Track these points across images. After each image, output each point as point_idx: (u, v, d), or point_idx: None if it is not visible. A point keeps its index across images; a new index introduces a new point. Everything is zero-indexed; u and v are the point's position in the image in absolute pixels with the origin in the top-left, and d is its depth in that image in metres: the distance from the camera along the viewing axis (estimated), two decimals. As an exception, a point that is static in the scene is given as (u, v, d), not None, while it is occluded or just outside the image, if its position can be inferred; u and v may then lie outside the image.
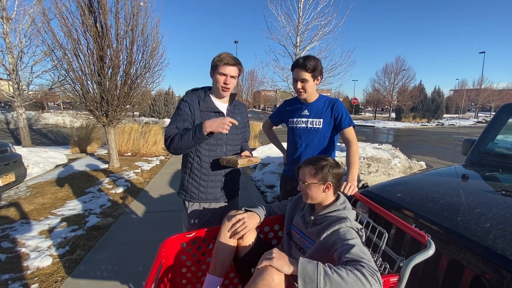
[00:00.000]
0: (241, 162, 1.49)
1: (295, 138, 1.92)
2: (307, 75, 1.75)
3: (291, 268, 0.91)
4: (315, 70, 1.75)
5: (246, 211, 1.41)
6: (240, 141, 1.80)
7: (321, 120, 1.84)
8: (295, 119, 1.92)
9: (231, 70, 1.56)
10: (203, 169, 1.63)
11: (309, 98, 1.89)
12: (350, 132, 1.81)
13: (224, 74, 1.56)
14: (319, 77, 1.82)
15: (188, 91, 1.70)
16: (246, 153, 1.65)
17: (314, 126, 1.85)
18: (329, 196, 1.28)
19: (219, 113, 1.63)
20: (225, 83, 1.57)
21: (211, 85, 1.69)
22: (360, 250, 0.96)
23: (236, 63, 1.58)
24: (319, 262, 0.88)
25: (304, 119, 1.89)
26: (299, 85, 1.79)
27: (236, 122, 1.52)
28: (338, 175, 1.29)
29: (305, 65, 1.71)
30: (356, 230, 1.14)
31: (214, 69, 1.59)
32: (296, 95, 1.93)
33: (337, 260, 1.00)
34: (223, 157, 1.62)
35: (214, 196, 1.67)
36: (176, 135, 1.53)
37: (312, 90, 1.83)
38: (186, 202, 1.69)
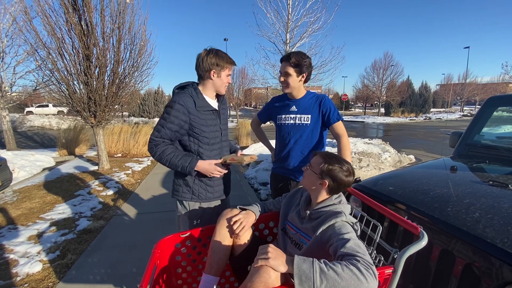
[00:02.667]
0: (247, 159, 1.59)
1: (284, 134, 1.93)
2: (290, 69, 1.78)
3: (287, 267, 0.91)
4: (299, 65, 1.76)
5: (241, 209, 1.40)
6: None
7: (309, 116, 1.86)
8: (283, 116, 1.93)
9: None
10: None
11: (296, 94, 1.90)
12: (339, 126, 1.84)
13: (229, 75, 1.62)
14: (304, 74, 1.81)
15: (177, 90, 1.61)
16: (242, 153, 1.68)
17: (302, 122, 1.87)
18: (324, 192, 1.27)
19: (213, 112, 1.62)
20: (228, 82, 1.64)
21: (196, 81, 1.64)
22: (355, 244, 0.97)
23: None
24: (315, 260, 0.88)
25: (292, 115, 1.90)
26: (282, 78, 1.84)
27: (225, 171, 1.62)
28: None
29: (289, 59, 1.76)
30: (351, 224, 1.15)
31: (219, 69, 1.55)
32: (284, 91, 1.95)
33: (333, 254, 1.01)
34: (225, 156, 1.63)
35: (219, 194, 1.70)
36: (163, 152, 1.50)
37: (296, 85, 1.84)
38: (185, 203, 1.64)
